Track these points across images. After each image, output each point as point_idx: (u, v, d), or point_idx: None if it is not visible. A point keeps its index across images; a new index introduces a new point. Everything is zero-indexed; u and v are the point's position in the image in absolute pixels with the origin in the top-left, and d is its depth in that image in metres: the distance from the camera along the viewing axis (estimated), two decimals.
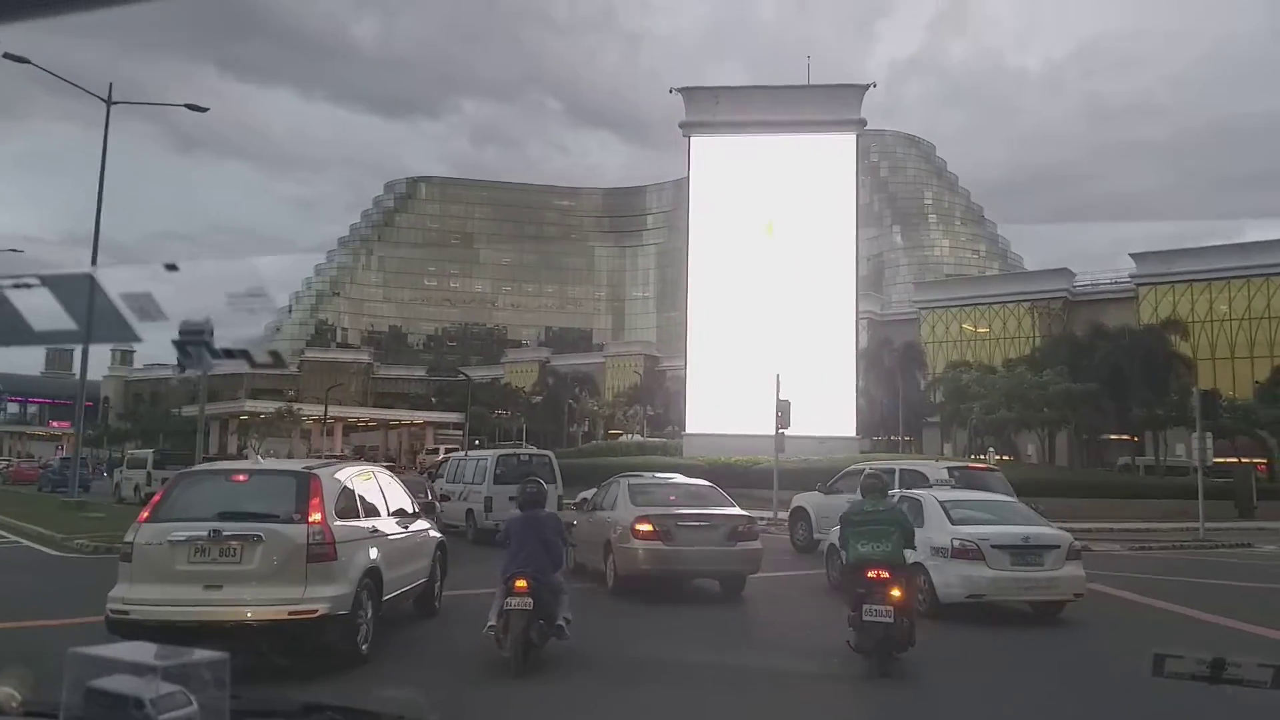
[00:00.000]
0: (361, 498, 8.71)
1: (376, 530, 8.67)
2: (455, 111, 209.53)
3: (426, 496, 18.22)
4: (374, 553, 8.35)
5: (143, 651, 1.77)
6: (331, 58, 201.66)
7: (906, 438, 64.98)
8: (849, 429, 46.50)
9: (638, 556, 11.92)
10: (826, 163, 47.39)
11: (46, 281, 1.94)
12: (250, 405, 74.02)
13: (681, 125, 50.29)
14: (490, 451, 24.56)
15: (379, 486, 9.40)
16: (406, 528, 9.63)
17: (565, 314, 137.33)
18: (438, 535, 10.96)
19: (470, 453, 26.77)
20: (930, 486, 13.96)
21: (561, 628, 7.94)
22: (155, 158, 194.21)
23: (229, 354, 2.21)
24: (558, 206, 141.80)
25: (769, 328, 45.74)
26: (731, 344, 46.40)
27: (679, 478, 14.65)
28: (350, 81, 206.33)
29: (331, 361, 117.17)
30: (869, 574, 8.11)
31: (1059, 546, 11.10)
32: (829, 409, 43.34)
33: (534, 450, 26.76)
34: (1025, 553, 10.93)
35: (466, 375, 70.22)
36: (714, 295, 47.96)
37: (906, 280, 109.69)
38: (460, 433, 66.84)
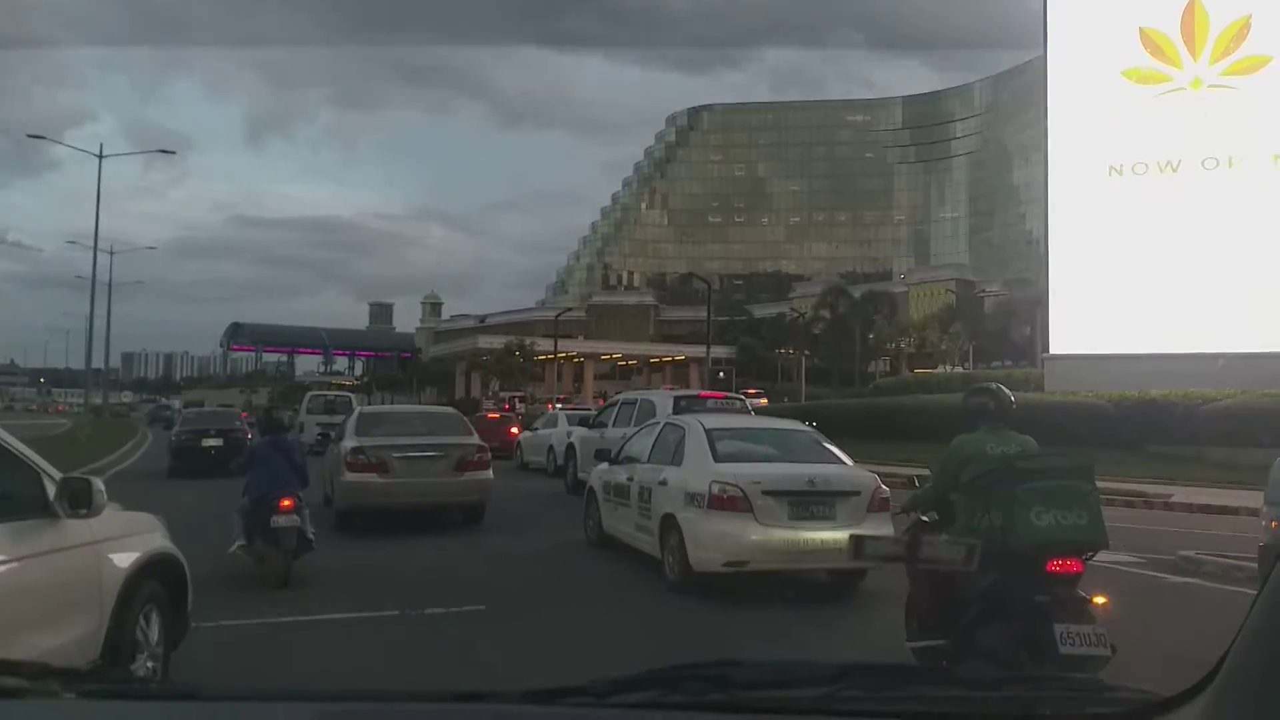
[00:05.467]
0: None
1: None
2: (756, 60, 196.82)
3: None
4: None
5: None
6: (640, 19, 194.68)
7: None
8: None
9: (350, 489, 10.88)
10: None
11: None
12: (484, 343, 63.38)
13: None
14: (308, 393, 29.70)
15: None
16: None
17: (860, 245, 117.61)
18: (137, 553, 4.52)
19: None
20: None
21: (310, 541, 7.88)
22: (484, 135, 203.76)
23: None
24: (850, 124, 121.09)
25: (1199, 183, 25.73)
26: (1127, 220, 26.64)
27: (428, 408, 16.26)
28: (655, 41, 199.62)
29: (617, 305, 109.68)
30: (1054, 566, 4.17)
31: (858, 493, 7.47)
32: None
33: (337, 391, 30.26)
34: (810, 501, 7.30)
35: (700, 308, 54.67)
36: (1093, 152, 27.90)
37: None
38: (729, 370, 51.75)
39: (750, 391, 49.10)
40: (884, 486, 7.74)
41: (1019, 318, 58.04)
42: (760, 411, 38.25)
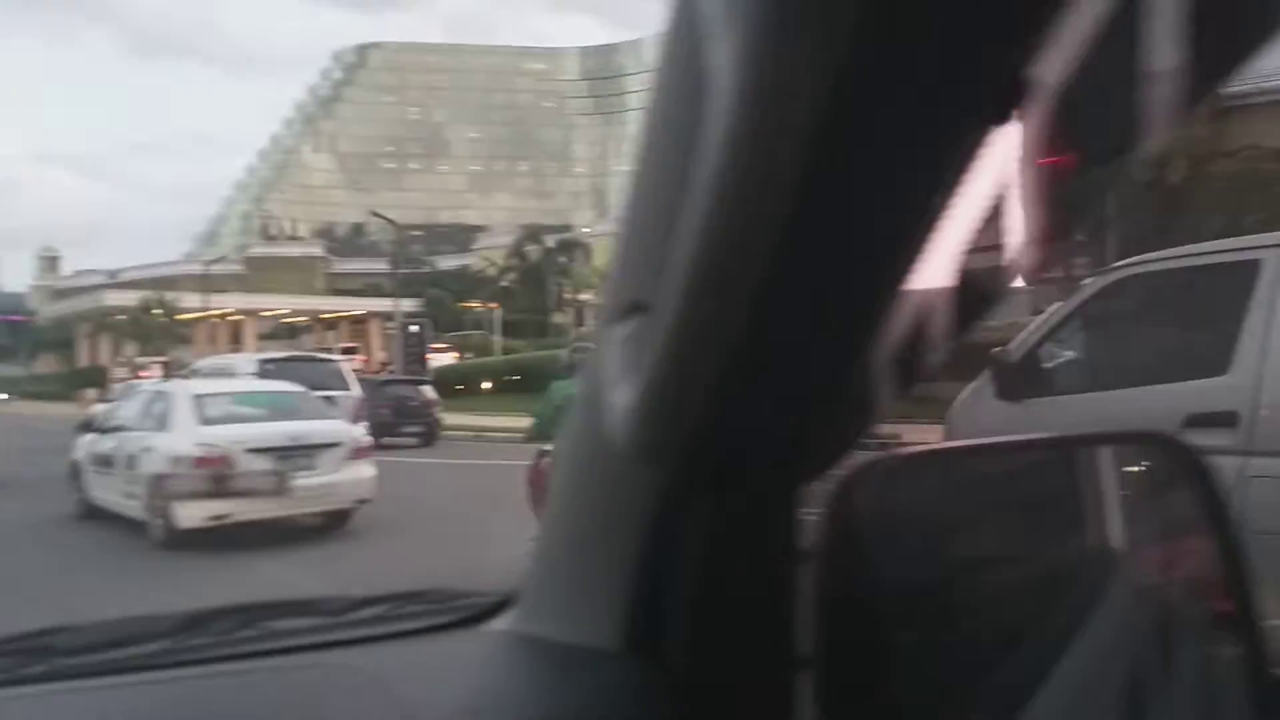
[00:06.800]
0: None
1: None
2: (426, 4, 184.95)
3: None
4: None
5: None
6: None
7: None
8: None
9: None
10: None
11: None
12: (114, 299, 52.63)
13: None
14: None
15: None
16: None
17: (542, 196, 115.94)
18: None
19: None
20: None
21: None
22: (118, 68, 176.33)
23: None
24: (529, 72, 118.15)
25: None
26: None
27: None
28: None
29: (279, 257, 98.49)
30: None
31: (339, 444, 8.73)
32: None
33: None
34: (293, 454, 8.39)
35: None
36: None
37: None
38: (423, 323, 47.04)
39: (347, 348, 45.52)
40: (366, 438, 9.11)
41: None
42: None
